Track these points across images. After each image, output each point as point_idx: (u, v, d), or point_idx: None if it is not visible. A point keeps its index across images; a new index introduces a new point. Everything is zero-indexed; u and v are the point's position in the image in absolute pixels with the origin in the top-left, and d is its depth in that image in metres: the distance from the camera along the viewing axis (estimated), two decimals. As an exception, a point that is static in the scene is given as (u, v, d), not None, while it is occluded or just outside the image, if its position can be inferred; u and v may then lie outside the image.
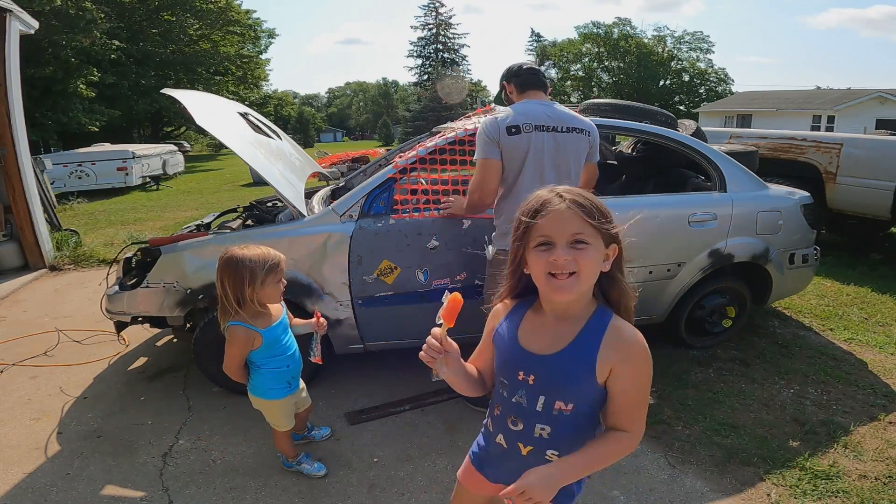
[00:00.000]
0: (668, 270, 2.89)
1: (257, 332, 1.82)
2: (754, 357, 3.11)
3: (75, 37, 16.94)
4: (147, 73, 23.68)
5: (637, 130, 2.99)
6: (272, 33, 37.96)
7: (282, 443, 2.08)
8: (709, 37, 63.00)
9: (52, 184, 7.90)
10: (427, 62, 44.49)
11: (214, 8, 25.59)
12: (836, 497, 1.97)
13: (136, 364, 3.14)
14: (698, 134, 3.27)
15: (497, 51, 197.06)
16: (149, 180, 13.56)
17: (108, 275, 3.03)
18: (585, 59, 47.53)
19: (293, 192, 2.65)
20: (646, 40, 46.00)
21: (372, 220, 2.55)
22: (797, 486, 2.03)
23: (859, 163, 4.85)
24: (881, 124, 19.02)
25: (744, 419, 2.48)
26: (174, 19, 24.73)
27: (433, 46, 44.20)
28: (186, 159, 20.97)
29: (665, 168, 3.54)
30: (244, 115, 3.08)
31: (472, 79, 49.21)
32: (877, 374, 2.93)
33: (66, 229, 6.02)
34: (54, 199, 6.97)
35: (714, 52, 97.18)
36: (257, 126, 3.12)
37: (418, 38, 44.27)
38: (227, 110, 2.97)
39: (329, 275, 2.53)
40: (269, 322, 1.86)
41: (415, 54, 44.73)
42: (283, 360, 1.92)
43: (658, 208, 2.85)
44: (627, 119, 3.03)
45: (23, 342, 3.48)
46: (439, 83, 34.48)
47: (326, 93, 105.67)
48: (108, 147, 14.07)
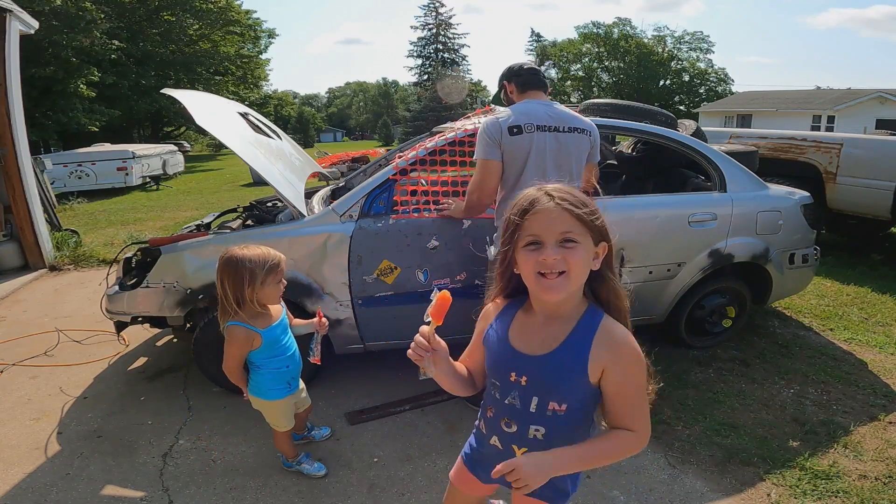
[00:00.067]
0: (668, 270, 2.90)
1: (257, 333, 1.82)
2: (754, 357, 3.11)
3: (75, 37, 16.94)
4: (147, 73, 23.69)
5: (637, 130, 2.99)
6: (272, 33, 37.97)
7: (282, 443, 2.08)
8: (709, 37, 63.01)
9: (52, 184, 7.90)
10: (427, 62, 44.46)
11: (214, 8, 25.60)
12: (836, 497, 1.98)
13: (136, 364, 3.14)
14: (698, 134, 3.27)
15: (497, 51, 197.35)
16: (149, 180, 13.56)
17: (108, 275, 3.03)
18: (585, 59, 47.51)
19: (293, 192, 2.65)
20: (646, 40, 45.98)
21: (372, 220, 2.55)
22: (797, 486, 2.03)
23: (859, 163, 4.85)
24: (881, 124, 19.01)
25: (744, 419, 2.48)
26: (174, 19, 24.72)
27: (433, 46, 44.17)
28: (186, 159, 20.98)
29: (665, 168, 3.54)
30: (244, 115, 3.08)
31: (472, 79, 49.21)
32: (877, 374, 2.93)
33: (66, 229, 6.02)
34: (54, 199, 6.97)
35: (714, 52, 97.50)
36: (257, 126, 3.12)
37: (418, 38, 44.30)
38: (227, 110, 2.97)
39: (329, 275, 2.53)
40: (268, 322, 1.86)
41: (415, 54, 44.74)
42: (282, 361, 1.92)
43: (658, 208, 2.86)
44: (627, 119, 3.03)
45: (23, 342, 3.48)
46: (439, 83, 34.46)
47: (326, 93, 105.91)
48: (108, 147, 14.07)
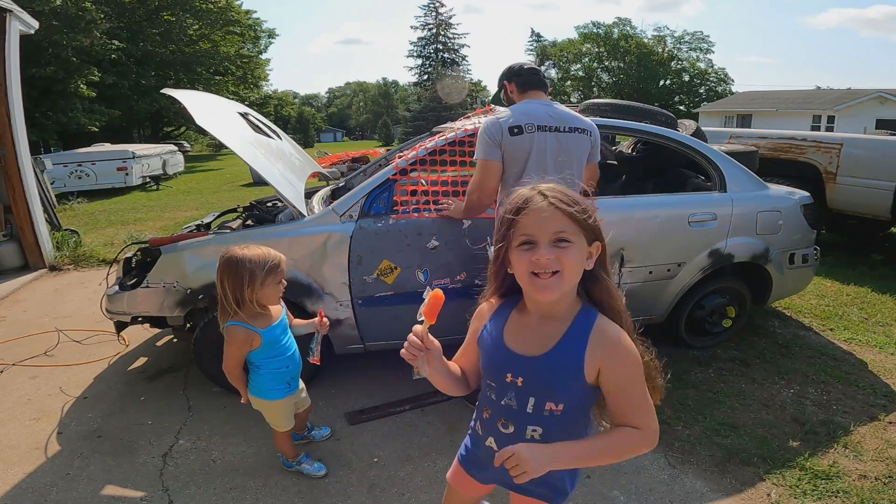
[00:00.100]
0: (668, 270, 2.90)
1: (256, 333, 1.82)
2: (754, 357, 3.11)
3: (75, 37, 16.95)
4: (147, 73, 23.71)
5: (637, 130, 2.99)
6: (272, 33, 37.99)
7: (282, 443, 2.08)
8: (709, 37, 63.00)
9: (52, 184, 7.90)
10: (427, 62, 44.45)
11: (214, 8, 25.61)
12: (836, 497, 1.98)
13: (136, 364, 3.14)
14: (698, 134, 3.27)
15: (497, 51, 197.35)
16: (149, 180, 13.56)
17: (108, 275, 3.03)
18: (585, 59, 47.49)
19: (293, 192, 2.65)
20: (646, 40, 45.97)
21: (372, 220, 2.54)
22: (797, 486, 2.03)
23: (859, 163, 4.85)
24: (881, 124, 19.02)
25: (744, 419, 2.49)
26: (174, 19, 24.73)
27: (433, 46, 44.16)
28: (186, 159, 20.98)
29: (665, 168, 3.54)
30: (244, 115, 3.08)
31: (472, 79, 49.18)
32: (877, 374, 2.93)
33: (66, 229, 6.02)
34: (54, 199, 6.96)
35: (714, 52, 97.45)
36: (257, 126, 3.12)
37: (418, 38, 44.28)
38: (227, 110, 2.97)
39: (329, 275, 2.53)
40: (268, 322, 1.86)
41: (415, 54, 44.73)
42: (282, 361, 1.92)
43: (658, 208, 2.86)
44: (627, 119, 3.03)
45: (23, 342, 3.48)
46: (439, 83, 34.45)
47: (326, 93, 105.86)
48: (108, 147, 14.08)
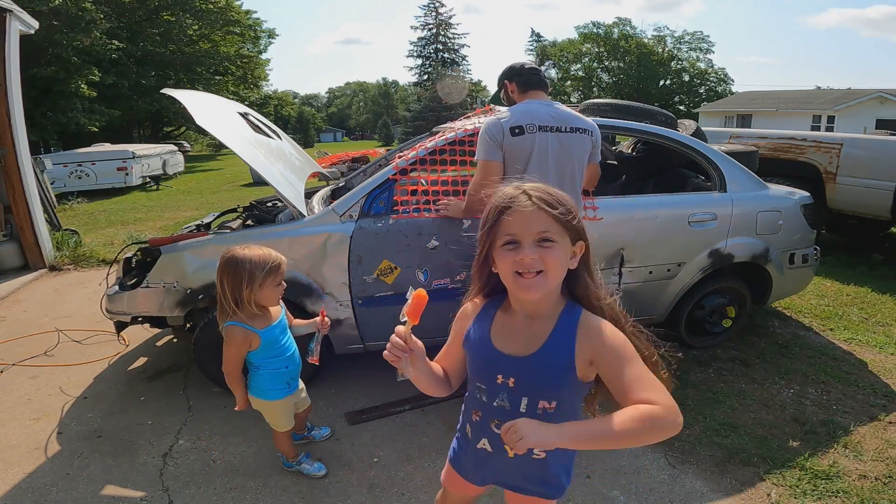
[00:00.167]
0: (668, 270, 2.90)
1: (255, 333, 1.82)
2: (754, 357, 3.11)
3: (75, 37, 16.95)
4: (147, 73, 23.73)
5: (637, 130, 2.99)
6: (272, 33, 38.03)
7: (282, 443, 2.08)
8: (709, 37, 62.97)
9: (52, 184, 7.90)
10: (427, 62, 44.44)
11: (214, 8, 25.62)
12: (836, 497, 1.98)
13: (136, 364, 3.14)
14: (698, 134, 3.27)
15: (497, 51, 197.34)
16: (149, 180, 13.57)
17: (108, 275, 3.03)
18: (585, 59, 47.47)
19: (293, 192, 2.65)
20: (646, 40, 45.95)
21: (372, 220, 2.54)
22: (797, 486, 2.03)
23: (859, 163, 4.85)
24: (881, 124, 19.02)
25: (744, 419, 2.49)
26: (174, 19, 24.72)
27: (433, 46, 44.16)
28: (186, 159, 20.98)
29: (665, 168, 3.54)
30: (244, 115, 3.08)
31: (472, 79, 49.20)
32: (877, 374, 2.93)
33: (66, 229, 6.02)
34: (54, 199, 6.97)
35: (714, 52, 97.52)
36: (257, 126, 3.12)
37: (418, 38, 44.27)
38: (227, 110, 2.97)
39: (329, 275, 2.53)
40: (267, 323, 1.86)
41: (415, 54, 44.72)
42: (281, 361, 1.92)
43: (658, 208, 2.85)
44: (627, 119, 3.03)
45: (23, 342, 3.48)
46: (439, 83, 34.42)
47: (326, 93, 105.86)
48: (108, 147, 14.09)
